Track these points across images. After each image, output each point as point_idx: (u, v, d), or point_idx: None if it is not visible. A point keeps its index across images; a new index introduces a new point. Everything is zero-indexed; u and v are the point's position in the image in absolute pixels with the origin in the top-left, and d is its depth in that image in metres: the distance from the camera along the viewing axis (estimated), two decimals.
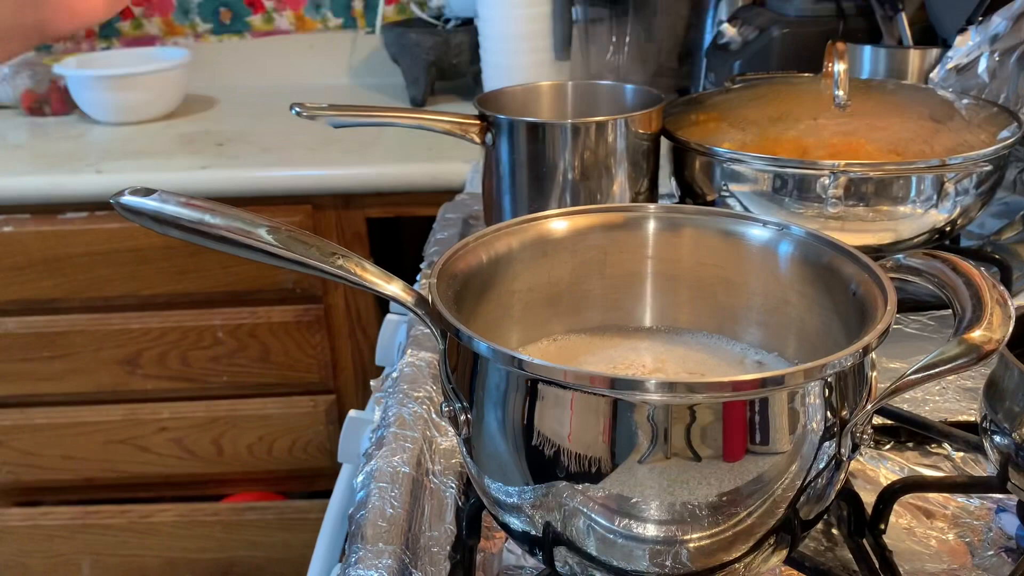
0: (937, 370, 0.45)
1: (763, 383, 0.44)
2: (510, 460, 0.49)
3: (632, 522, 0.47)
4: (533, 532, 0.50)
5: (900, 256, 0.53)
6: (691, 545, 0.48)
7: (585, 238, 0.62)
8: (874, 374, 0.50)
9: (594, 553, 0.49)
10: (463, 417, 0.51)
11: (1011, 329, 0.46)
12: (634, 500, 0.46)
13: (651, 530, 0.47)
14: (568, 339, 0.63)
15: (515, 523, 0.52)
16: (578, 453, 0.46)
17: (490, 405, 0.49)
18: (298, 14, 1.90)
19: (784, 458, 0.46)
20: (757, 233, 0.60)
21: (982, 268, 0.50)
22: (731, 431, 0.45)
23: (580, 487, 0.47)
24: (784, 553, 0.51)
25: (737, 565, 0.49)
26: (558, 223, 0.62)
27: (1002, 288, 0.48)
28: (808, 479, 0.48)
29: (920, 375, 0.45)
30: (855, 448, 0.49)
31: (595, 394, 0.45)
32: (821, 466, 0.48)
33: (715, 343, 0.63)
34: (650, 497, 0.46)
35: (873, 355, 0.49)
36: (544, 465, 0.48)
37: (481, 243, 0.58)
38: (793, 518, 0.49)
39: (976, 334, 0.45)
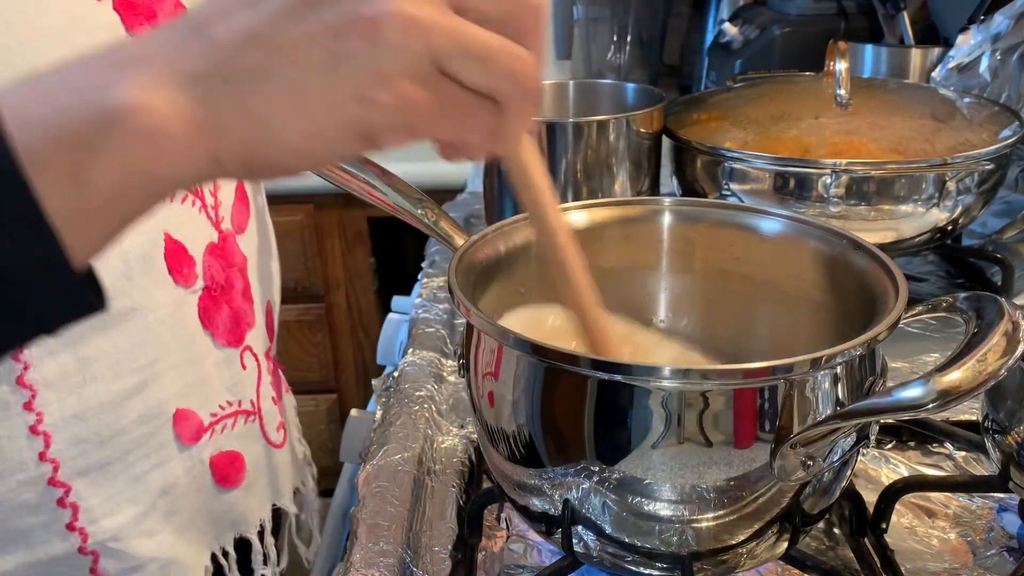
0: (890, 415, 0.43)
1: (773, 371, 0.45)
2: (529, 443, 0.50)
3: (644, 501, 0.48)
4: (552, 512, 0.51)
5: (962, 294, 0.49)
6: (698, 526, 0.48)
7: (603, 230, 0.63)
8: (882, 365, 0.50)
9: (609, 531, 0.50)
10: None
11: (993, 374, 0.41)
12: (647, 482, 0.47)
13: (662, 510, 0.48)
14: None
15: (535, 503, 0.52)
16: (594, 437, 0.47)
17: (509, 390, 0.50)
18: None
19: None
20: (772, 226, 0.61)
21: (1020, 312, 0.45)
22: (742, 417, 0.45)
23: (597, 469, 0.47)
24: (784, 545, 0.52)
25: (740, 550, 0.50)
26: (577, 215, 0.63)
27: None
28: None
29: (871, 417, 0.44)
30: (860, 441, 0.49)
31: (612, 380, 0.46)
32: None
33: (727, 331, 0.63)
34: (663, 479, 0.47)
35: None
36: (561, 448, 0.49)
37: (499, 233, 0.59)
38: (797, 509, 0.49)
39: (948, 377, 0.41)
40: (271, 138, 0.33)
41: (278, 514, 0.71)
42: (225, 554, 0.64)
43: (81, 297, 0.32)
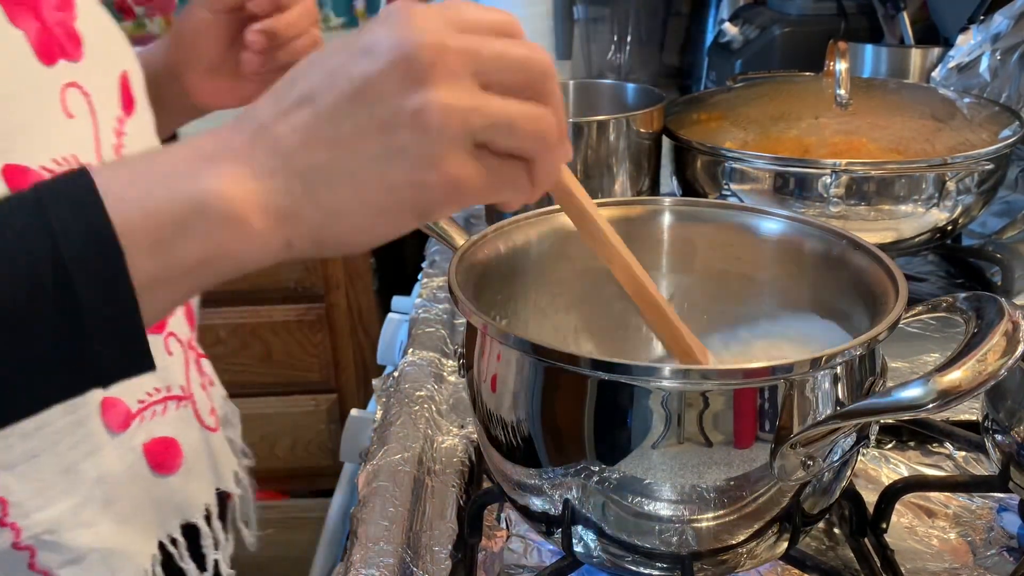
0: (889, 415, 0.43)
1: (773, 371, 0.45)
2: (529, 443, 0.50)
3: (644, 501, 0.48)
4: (552, 512, 0.52)
5: (962, 294, 0.49)
6: (698, 526, 0.48)
7: None
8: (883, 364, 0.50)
9: (609, 531, 0.50)
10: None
11: (993, 374, 0.41)
12: (647, 482, 0.47)
13: (662, 510, 0.48)
14: (584, 327, 0.64)
15: (535, 503, 0.52)
16: (594, 437, 0.47)
17: (509, 390, 0.50)
18: None
19: None
20: (772, 226, 0.61)
21: (1020, 312, 0.45)
22: (741, 417, 0.45)
23: (597, 469, 0.48)
24: (784, 545, 0.52)
25: (740, 550, 0.50)
26: None
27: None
28: None
29: (871, 417, 0.44)
30: (860, 441, 0.49)
31: (612, 380, 0.46)
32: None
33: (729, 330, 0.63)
34: (663, 479, 0.47)
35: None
36: (560, 449, 0.49)
37: (499, 233, 0.59)
38: (797, 509, 0.49)
39: (948, 377, 0.41)
40: (339, 223, 0.38)
41: (224, 499, 0.71)
42: (173, 541, 0.64)
43: (142, 356, 0.36)
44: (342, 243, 0.39)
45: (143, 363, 0.37)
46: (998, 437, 0.57)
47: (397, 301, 1.06)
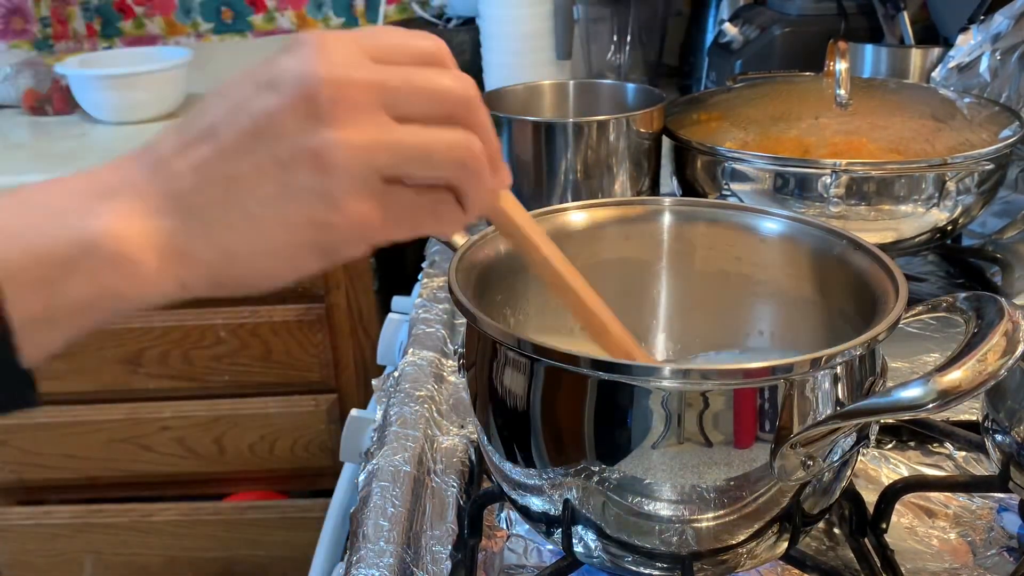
0: (889, 415, 0.43)
1: (773, 371, 0.45)
2: (529, 443, 0.50)
3: (644, 501, 0.48)
4: (552, 512, 0.52)
5: (962, 294, 0.49)
6: (698, 526, 0.48)
7: (602, 230, 0.64)
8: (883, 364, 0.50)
9: (609, 531, 0.50)
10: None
11: (993, 374, 0.41)
12: (647, 482, 0.47)
13: (662, 510, 0.48)
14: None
15: (535, 503, 0.52)
16: (594, 437, 0.47)
17: (509, 390, 0.50)
18: (300, 13, 1.90)
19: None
20: (772, 226, 0.61)
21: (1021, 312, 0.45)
22: (741, 417, 0.45)
23: (597, 469, 0.48)
24: (784, 545, 0.52)
25: (740, 550, 0.50)
26: (577, 215, 0.63)
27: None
28: None
29: (871, 417, 0.44)
30: (860, 441, 0.49)
31: (612, 380, 0.46)
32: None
33: (728, 333, 0.64)
34: (663, 479, 0.47)
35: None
36: (560, 449, 0.49)
37: (499, 234, 0.59)
38: (797, 509, 0.49)
39: (948, 376, 0.41)
40: (237, 264, 0.37)
41: None
42: None
43: (21, 394, 0.35)
44: (241, 284, 0.38)
45: (24, 400, 0.35)
46: (998, 437, 0.57)
47: (397, 301, 1.06)
